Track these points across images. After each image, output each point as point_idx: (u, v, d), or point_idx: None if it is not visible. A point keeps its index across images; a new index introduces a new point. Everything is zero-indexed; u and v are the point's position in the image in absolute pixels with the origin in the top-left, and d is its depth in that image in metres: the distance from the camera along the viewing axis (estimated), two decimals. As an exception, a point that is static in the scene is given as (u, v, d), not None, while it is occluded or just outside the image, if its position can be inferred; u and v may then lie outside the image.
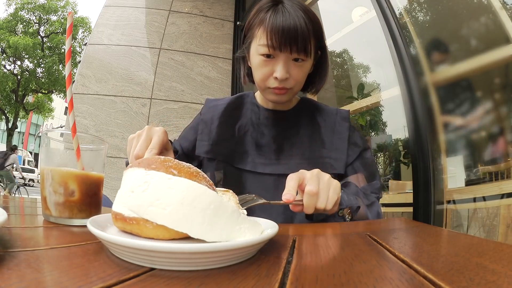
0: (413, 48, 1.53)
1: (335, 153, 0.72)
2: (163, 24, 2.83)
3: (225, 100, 0.81)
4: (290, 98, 0.71)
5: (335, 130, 0.75)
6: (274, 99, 0.69)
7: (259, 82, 0.68)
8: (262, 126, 0.76)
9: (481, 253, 0.28)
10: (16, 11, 8.66)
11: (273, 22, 0.61)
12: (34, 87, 8.82)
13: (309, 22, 0.62)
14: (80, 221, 0.40)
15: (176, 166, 0.28)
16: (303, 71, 0.66)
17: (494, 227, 1.16)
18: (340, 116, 0.77)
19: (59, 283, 0.18)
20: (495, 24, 1.23)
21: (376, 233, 0.38)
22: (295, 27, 0.60)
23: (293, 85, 0.66)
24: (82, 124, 2.50)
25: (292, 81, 0.66)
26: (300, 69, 0.66)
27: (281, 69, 0.63)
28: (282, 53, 0.63)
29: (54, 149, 0.44)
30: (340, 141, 0.73)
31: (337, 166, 0.71)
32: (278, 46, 0.61)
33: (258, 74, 0.67)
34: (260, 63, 0.65)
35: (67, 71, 0.41)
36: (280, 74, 0.63)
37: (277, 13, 0.62)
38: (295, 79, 0.66)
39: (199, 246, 0.22)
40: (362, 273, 0.22)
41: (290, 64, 0.64)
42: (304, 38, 0.61)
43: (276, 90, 0.66)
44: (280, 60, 0.63)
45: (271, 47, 0.62)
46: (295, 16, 0.61)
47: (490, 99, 1.31)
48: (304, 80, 0.69)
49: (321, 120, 0.77)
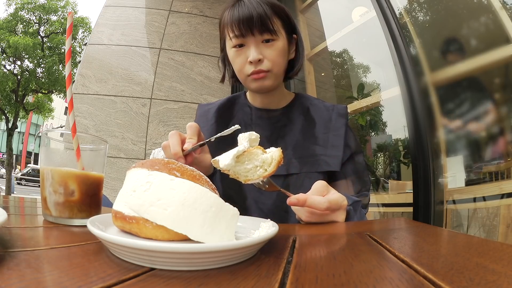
0: (413, 48, 1.53)
1: (331, 150, 0.72)
2: (163, 24, 2.83)
3: (216, 103, 0.81)
4: (273, 83, 0.70)
5: (331, 127, 0.74)
6: (256, 86, 0.69)
7: (239, 74, 0.70)
8: (254, 126, 0.76)
9: (481, 253, 0.28)
10: (16, 11, 8.65)
11: (232, 14, 0.66)
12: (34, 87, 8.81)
13: (267, 6, 0.66)
14: (80, 221, 0.40)
15: (179, 168, 0.28)
16: (276, 51, 0.67)
17: (494, 227, 1.16)
18: (337, 112, 0.76)
19: (59, 283, 0.18)
20: (495, 24, 1.23)
21: (376, 233, 0.38)
22: (251, 12, 0.65)
23: (270, 66, 0.67)
24: (82, 124, 2.50)
25: (267, 63, 0.67)
26: (272, 49, 0.67)
27: (252, 51, 0.66)
28: (249, 39, 0.66)
29: (54, 149, 0.44)
30: (337, 138, 0.73)
31: (333, 163, 0.70)
32: (240, 32, 0.65)
33: (236, 66, 0.70)
34: (234, 55, 0.69)
35: (67, 71, 0.41)
36: (251, 56, 0.66)
37: (235, 7, 0.67)
38: (270, 60, 0.67)
39: (199, 246, 0.22)
40: (362, 273, 0.22)
41: (261, 46, 0.67)
42: (263, 19, 0.65)
43: (254, 75, 0.67)
44: (250, 44, 0.67)
45: (235, 37, 0.66)
46: (251, 5, 0.65)
47: (490, 99, 1.31)
48: (282, 61, 0.69)
49: (317, 117, 0.76)
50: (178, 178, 0.27)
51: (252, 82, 0.69)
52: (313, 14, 2.75)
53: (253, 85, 0.69)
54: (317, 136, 0.73)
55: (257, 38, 0.66)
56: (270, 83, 0.69)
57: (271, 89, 0.72)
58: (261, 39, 0.67)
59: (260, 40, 0.67)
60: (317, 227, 0.48)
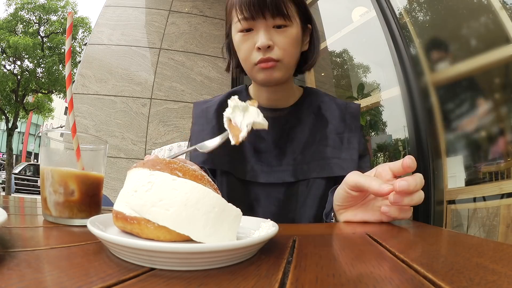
0: (413, 48, 1.53)
1: (345, 152, 0.65)
2: (163, 24, 2.83)
3: (215, 100, 0.73)
4: (283, 75, 0.62)
5: (345, 127, 0.68)
6: (263, 77, 0.62)
7: (244, 63, 0.63)
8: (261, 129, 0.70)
9: (481, 253, 0.28)
10: (16, 11, 8.65)
11: None
12: (34, 87, 8.81)
13: None
14: (80, 221, 0.40)
15: (181, 168, 0.28)
16: (289, 38, 0.60)
17: (494, 227, 1.16)
18: (350, 111, 0.70)
19: (59, 283, 0.18)
20: (495, 24, 1.23)
21: (376, 233, 0.38)
22: None
23: (280, 55, 0.60)
24: (82, 124, 2.50)
25: (278, 51, 0.60)
26: (284, 36, 0.60)
27: (261, 36, 0.59)
28: (258, 22, 0.59)
29: (54, 149, 0.44)
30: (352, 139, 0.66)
31: (347, 167, 0.63)
32: (250, 15, 0.58)
33: (241, 53, 0.63)
34: (240, 40, 0.62)
35: (67, 71, 0.41)
36: (260, 41, 0.58)
37: None
38: (281, 47, 0.60)
39: (199, 246, 0.22)
40: (362, 273, 0.22)
41: (271, 32, 0.60)
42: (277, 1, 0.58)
43: (262, 64, 0.60)
44: (259, 28, 0.59)
45: (244, 19, 0.59)
46: None
47: (490, 99, 1.31)
48: (294, 50, 0.62)
49: (329, 116, 0.69)
50: (180, 178, 0.27)
51: (259, 72, 0.61)
52: (313, 14, 2.74)
53: (260, 75, 0.62)
54: (329, 137, 0.67)
55: (268, 22, 0.59)
56: (279, 75, 0.62)
57: (280, 82, 0.64)
58: (272, 24, 0.59)
59: (271, 25, 0.59)
60: (317, 227, 0.48)
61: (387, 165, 0.45)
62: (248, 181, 0.66)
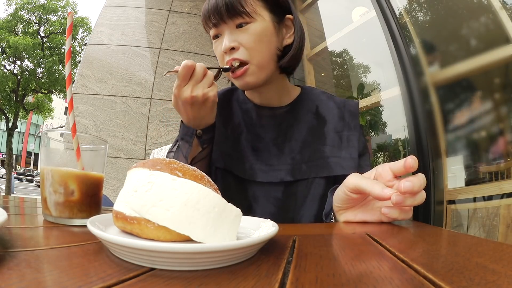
0: (413, 48, 1.53)
1: (345, 151, 0.64)
2: (163, 24, 2.83)
3: None
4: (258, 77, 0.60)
5: (344, 126, 0.67)
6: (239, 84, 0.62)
7: None
8: (256, 127, 0.68)
9: (481, 253, 0.28)
10: (16, 11, 8.65)
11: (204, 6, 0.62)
12: (34, 87, 8.81)
13: None
14: (80, 221, 0.40)
15: (181, 168, 0.28)
16: (252, 35, 0.59)
17: (494, 227, 1.16)
18: (349, 109, 0.69)
19: (59, 283, 0.18)
20: (495, 24, 1.23)
21: (376, 233, 0.38)
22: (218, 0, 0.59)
23: (247, 55, 0.58)
24: (82, 124, 2.50)
25: (243, 51, 0.59)
26: (247, 34, 0.59)
27: (224, 39, 0.60)
28: (222, 27, 0.61)
29: (54, 149, 0.44)
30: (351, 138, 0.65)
31: (347, 166, 0.62)
32: (212, 22, 0.61)
33: (218, 60, 0.64)
34: (214, 47, 0.64)
35: (67, 71, 0.41)
36: (223, 45, 0.59)
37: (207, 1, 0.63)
38: (247, 46, 0.58)
39: (199, 246, 0.22)
40: (362, 273, 0.22)
41: (236, 33, 0.59)
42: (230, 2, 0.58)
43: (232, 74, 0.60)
44: (224, 32, 0.61)
45: (210, 28, 0.63)
46: None
47: (490, 99, 1.31)
48: (262, 47, 0.60)
49: (327, 114, 0.68)
50: (180, 178, 0.27)
51: (234, 80, 0.62)
52: (313, 14, 2.75)
53: (236, 83, 0.62)
54: (328, 136, 0.66)
55: (229, 24, 0.59)
56: (253, 78, 0.60)
57: (259, 85, 0.62)
58: (234, 25, 0.59)
59: (233, 26, 0.59)
60: (317, 227, 0.48)
61: (388, 165, 0.45)
62: (246, 180, 0.65)
